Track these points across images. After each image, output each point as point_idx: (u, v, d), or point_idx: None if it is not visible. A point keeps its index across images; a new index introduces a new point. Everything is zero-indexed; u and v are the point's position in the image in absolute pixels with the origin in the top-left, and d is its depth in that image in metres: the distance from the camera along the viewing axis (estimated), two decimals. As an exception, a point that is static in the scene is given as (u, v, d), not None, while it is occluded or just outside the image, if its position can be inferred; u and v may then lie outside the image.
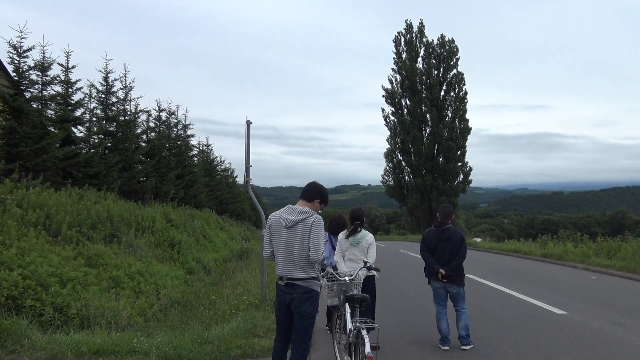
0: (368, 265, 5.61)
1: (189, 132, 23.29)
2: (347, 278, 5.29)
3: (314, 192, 4.34)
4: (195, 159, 25.78)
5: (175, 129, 22.12)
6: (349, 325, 4.74)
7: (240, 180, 33.43)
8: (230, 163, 36.63)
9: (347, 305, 5.00)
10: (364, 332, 4.37)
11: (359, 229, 6.27)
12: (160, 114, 20.63)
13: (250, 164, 8.49)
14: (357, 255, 6.18)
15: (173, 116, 21.86)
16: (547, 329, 7.28)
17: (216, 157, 31.94)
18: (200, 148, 29.06)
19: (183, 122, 22.85)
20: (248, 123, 8.46)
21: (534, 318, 8.06)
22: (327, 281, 5.39)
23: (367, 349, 4.18)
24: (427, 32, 46.99)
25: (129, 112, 16.96)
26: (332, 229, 6.80)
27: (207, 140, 30.81)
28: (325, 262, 6.45)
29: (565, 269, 15.77)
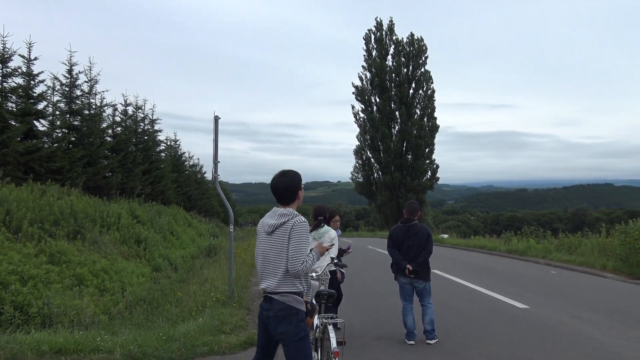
0: (335, 261, 5.64)
1: (156, 127, 22.98)
2: (313, 274, 5.31)
3: (289, 187, 3.64)
4: (163, 154, 25.44)
5: (142, 124, 21.78)
6: (316, 321, 4.77)
7: (209, 176, 33.07)
8: (198, 159, 36.29)
9: (314, 301, 5.02)
10: (330, 327, 4.40)
11: (322, 225, 6.26)
12: (127, 108, 20.30)
13: (219, 160, 8.42)
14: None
15: (140, 110, 21.53)
16: (510, 323, 7.47)
17: (184, 153, 31.69)
18: (168, 143, 28.76)
19: (150, 116, 22.52)
20: (216, 118, 8.39)
21: (497, 312, 8.25)
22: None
23: (333, 344, 4.21)
24: (396, 30, 47.37)
25: (94, 106, 16.62)
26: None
27: (175, 136, 30.49)
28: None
29: (528, 264, 16.18)
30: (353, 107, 48.25)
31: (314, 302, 5.06)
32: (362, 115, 47.47)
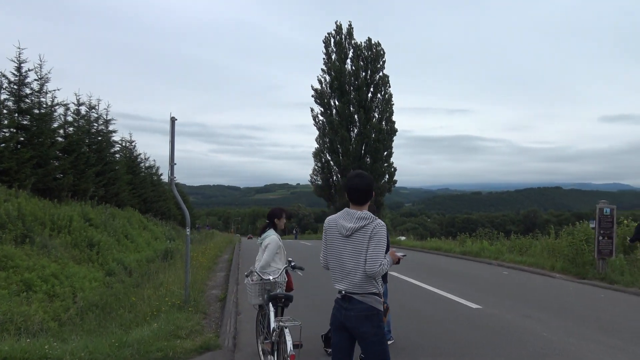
0: (292, 264, 5.64)
1: (110, 128, 22.40)
2: (271, 277, 5.31)
3: (367, 189, 3.61)
4: (118, 155, 24.84)
5: (96, 124, 21.19)
6: (272, 324, 4.76)
7: (165, 178, 32.48)
8: (155, 160, 35.59)
9: (270, 305, 5.01)
10: (286, 330, 4.39)
11: (267, 229, 5.97)
12: (80, 108, 19.71)
13: (175, 162, 8.28)
14: (260, 255, 5.78)
15: (93, 110, 20.95)
16: (464, 323, 7.65)
17: (140, 154, 31.10)
18: (123, 144, 28.14)
19: (104, 117, 21.93)
20: (173, 119, 8.25)
21: (451, 313, 8.43)
22: (252, 281, 5.38)
23: (290, 347, 4.20)
24: (355, 34, 47.85)
25: (44, 105, 16.05)
26: None
27: (131, 137, 29.82)
28: None
29: (481, 265, 16.61)
30: (312, 109, 48.37)
31: (271, 304, 5.06)
32: (321, 118, 47.66)
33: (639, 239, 11.55)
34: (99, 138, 21.10)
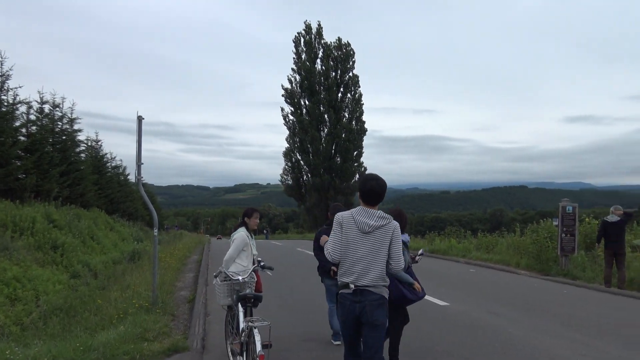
0: (262, 264, 5.62)
1: (75, 127, 21.85)
2: (240, 277, 5.28)
3: (382, 191, 3.90)
4: (83, 155, 24.28)
5: (60, 123, 20.64)
6: (242, 325, 4.73)
7: (132, 178, 31.91)
8: (121, 160, 34.91)
9: (240, 305, 4.99)
10: (255, 330, 4.38)
11: (239, 228, 5.98)
12: (43, 106, 19.13)
13: (142, 162, 8.15)
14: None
15: (57, 109, 20.39)
16: (431, 320, 7.76)
17: (106, 154, 30.46)
18: (89, 144, 27.54)
19: (69, 115, 21.39)
20: (140, 118, 8.12)
21: (419, 310, 8.51)
22: (220, 281, 5.34)
23: (259, 347, 4.19)
24: (325, 34, 47.99)
25: (5, 103, 15.55)
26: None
27: (97, 136, 29.18)
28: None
29: (449, 263, 16.87)
30: (283, 109, 48.33)
31: (240, 305, 5.03)
32: (291, 117, 47.66)
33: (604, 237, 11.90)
34: (64, 137, 20.57)
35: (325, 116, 46.49)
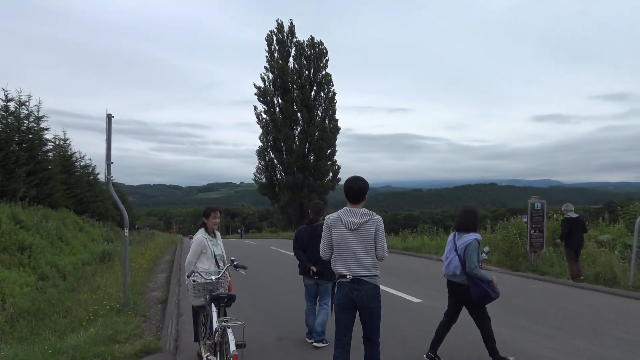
0: (235, 263, 5.58)
1: (42, 125, 21.27)
2: (213, 277, 5.24)
3: (364, 191, 4.44)
4: (51, 154, 23.67)
5: (27, 121, 20.10)
6: (215, 325, 4.70)
7: (102, 177, 31.37)
8: (91, 159, 34.21)
9: (213, 305, 4.95)
10: (229, 330, 4.35)
11: (200, 229, 5.90)
12: (8, 104, 18.60)
13: (112, 161, 8.02)
14: None
15: (23, 107, 19.84)
16: (405, 317, 7.84)
17: (75, 153, 29.83)
18: (57, 143, 26.86)
19: (36, 113, 20.82)
20: (109, 117, 7.98)
21: (393, 307, 8.61)
22: (193, 281, 5.29)
23: (232, 347, 4.16)
24: (297, 32, 47.89)
25: (-32, 101, 15.09)
26: (462, 224, 5.77)
27: (65, 134, 28.52)
28: (456, 270, 5.63)
29: (422, 260, 17.06)
30: (256, 107, 48.08)
31: (214, 305, 4.99)
32: (264, 116, 47.47)
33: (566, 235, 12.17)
34: (30, 136, 20.04)
35: (299, 115, 46.45)
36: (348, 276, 4.24)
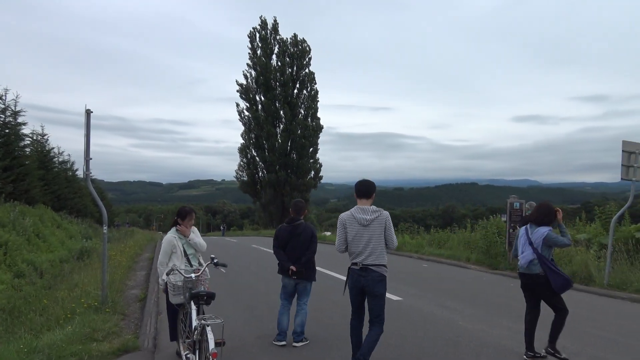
0: (215, 261, 5.55)
1: (20, 120, 20.93)
2: (193, 275, 5.20)
3: (371, 189, 5.08)
4: (28, 150, 23.29)
5: (3, 116, 19.76)
6: (194, 323, 4.66)
7: (81, 173, 30.88)
8: (69, 155, 33.73)
9: (192, 303, 4.91)
10: (208, 328, 4.32)
11: (171, 229, 5.78)
12: (-16, 98, 18.25)
13: (91, 157, 7.91)
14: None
15: (0, 101, 19.48)
16: (386, 315, 7.86)
17: (53, 148, 29.40)
18: (35, 138, 26.45)
19: (12, 108, 20.47)
20: (88, 112, 7.87)
21: (373, 305, 8.65)
22: (172, 279, 5.24)
23: (211, 345, 4.14)
24: (281, 30, 47.72)
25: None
26: (538, 218, 5.78)
27: (43, 130, 28.09)
28: (532, 263, 5.68)
29: (403, 258, 17.17)
30: (238, 105, 47.85)
31: (193, 302, 4.96)
32: (247, 113, 47.23)
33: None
34: (7, 131, 19.69)
35: (281, 112, 46.33)
36: (358, 264, 4.89)
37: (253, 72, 46.91)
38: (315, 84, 47.49)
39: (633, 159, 10.75)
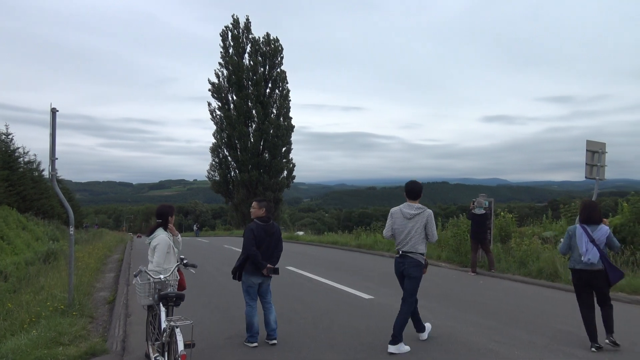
0: (185, 262, 5.49)
1: (-18, 119, 20.32)
2: (162, 276, 5.14)
3: (417, 190, 6.15)
4: (-9, 149, 22.67)
5: (-36, 115, 19.14)
6: (163, 325, 4.61)
7: (47, 174, 30.22)
8: (35, 155, 32.93)
9: (161, 305, 4.85)
10: (177, 330, 4.28)
11: (154, 232, 5.64)
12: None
13: (57, 157, 7.74)
14: (150, 256, 5.55)
15: (-39, 99, 18.90)
16: (357, 313, 7.93)
17: (18, 148, 28.68)
18: (-2, 137, 25.74)
19: (-26, 106, 19.86)
20: (53, 111, 7.69)
21: (345, 304, 8.70)
22: (141, 280, 5.17)
23: (180, 347, 4.10)
24: (253, 29, 47.44)
25: None
26: (586, 217, 6.25)
27: (7, 129, 27.40)
28: (583, 258, 6.03)
29: (375, 257, 17.28)
30: (209, 104, 47.39)
31: (162, 304, 4.90)
32: (218, 112, 46.82)
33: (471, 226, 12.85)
34: (-32, 130, 19.12)
35: (253, 112, 46.06)
36: (399, 252, 5.98)
37: (225, 71, 46.53)
38: (287, 83, 47.39)
39: (596, 158, 11.06)
